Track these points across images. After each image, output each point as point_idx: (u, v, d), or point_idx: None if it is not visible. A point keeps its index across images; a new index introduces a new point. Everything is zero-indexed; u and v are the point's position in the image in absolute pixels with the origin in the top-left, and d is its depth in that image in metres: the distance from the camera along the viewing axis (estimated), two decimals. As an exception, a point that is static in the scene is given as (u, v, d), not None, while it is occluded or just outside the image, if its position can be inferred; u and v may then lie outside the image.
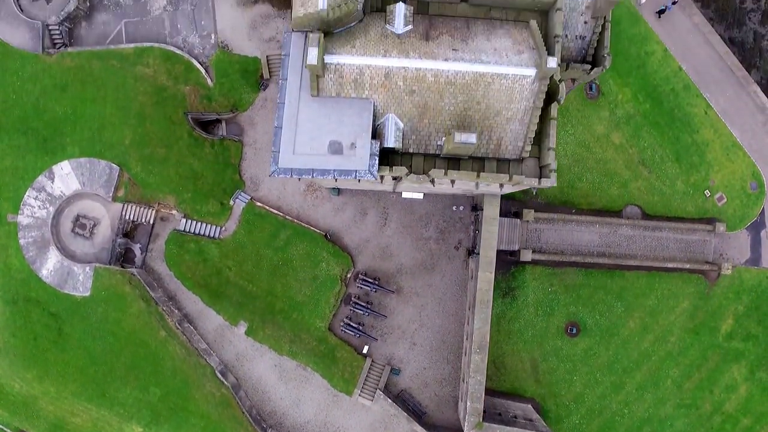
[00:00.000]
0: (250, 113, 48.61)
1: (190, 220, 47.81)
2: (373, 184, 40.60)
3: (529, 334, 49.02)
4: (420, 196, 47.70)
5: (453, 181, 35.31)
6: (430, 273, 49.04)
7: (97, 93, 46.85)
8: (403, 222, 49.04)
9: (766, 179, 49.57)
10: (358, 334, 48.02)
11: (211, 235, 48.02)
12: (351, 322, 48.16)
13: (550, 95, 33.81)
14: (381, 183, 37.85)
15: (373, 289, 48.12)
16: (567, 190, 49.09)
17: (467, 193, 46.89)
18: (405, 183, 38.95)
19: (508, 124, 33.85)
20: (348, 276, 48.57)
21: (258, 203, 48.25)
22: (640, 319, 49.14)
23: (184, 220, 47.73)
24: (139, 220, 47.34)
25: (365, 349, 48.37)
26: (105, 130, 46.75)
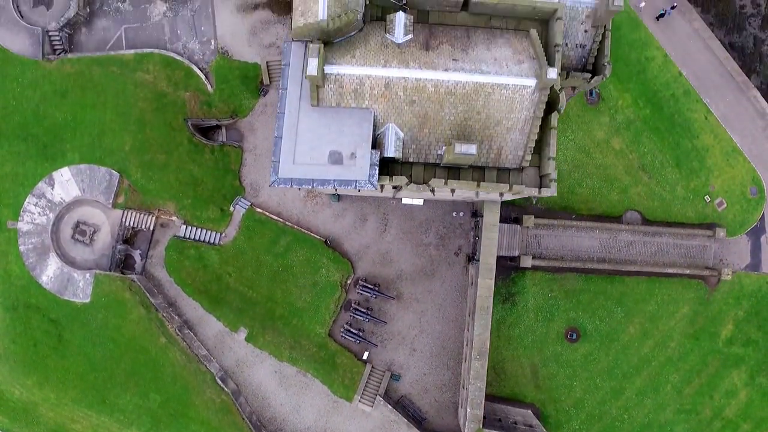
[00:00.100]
0: (250, 119, 48.59)
1: (190, 227, 47.80)
2: (373, 192, 40.60)
3: (529, 339, 49.04)
4: (420, 202, 47.71)
5: (453, 190, 35.31)
6: (430, 279, 49.04)
7: (97, 99, 46.81)
8: (403, 228, 49.02)
9: (766, 184, 49.53)
10: (358, 340, 48.04)
11: (211, 241, 48.01)
12: (351, 328, 48.17)
13: (551, 104, 33.78)
14: (381, 192, 37.84)
15: (373, 295, 48.13)
16: (567, 196, 49.04)
17: (467, 200, 46.88)
18: (405, 190, 38.93)
19: (509, 133, 33.82)
20: (348, 282, 48.57)
21: (258, 209, 48.23)
22: (640, 324, 49.15)
23: (184, 226, 47.71)
24: (139, 226, 47.33)
25: (365, 355, 48.40)
26: (105, 137, 46.73)
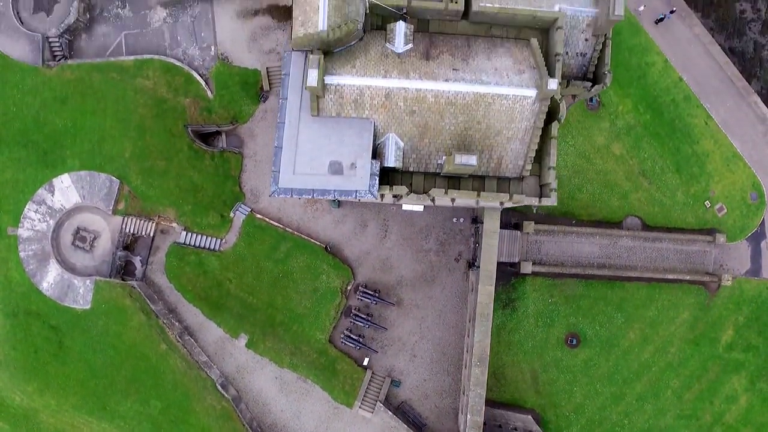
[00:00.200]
0: (250, 125, 48.55)
1: (190, 233, 47.79)
2: (373, 200, 40.58)
3: (529, 345, 49.07)
4: (420, 208, 47.67)
5: (453, 199, 35.30)
6: (431, 285, 49.04)
7: (97, 105, 46.80)
8: (403, 234, 49.01)
9: (767, 190, 49.54)
10: (358, 346, 48.05)
11: (212, 247, 48.00)
12: (351, 334, 48.18)
13: (551, 114, 33.75)
14: (381, 201, 37.83)
15: (374, 302, 48.13)
16: (567, 202, 49.02)
17: (468, 207, 46.85)
18: (405, 199, 38.91)
19: (509, 143, 33.80)
20: (348, 288, 48.58)
21: (258, 215, 48.22)
22: (641, 330, 49.18)
23: (185, 232, 47.70)
24: (139, 232, 47.33)
25: (365, 361, 48.41)
26: (105, 143, 46.73)
